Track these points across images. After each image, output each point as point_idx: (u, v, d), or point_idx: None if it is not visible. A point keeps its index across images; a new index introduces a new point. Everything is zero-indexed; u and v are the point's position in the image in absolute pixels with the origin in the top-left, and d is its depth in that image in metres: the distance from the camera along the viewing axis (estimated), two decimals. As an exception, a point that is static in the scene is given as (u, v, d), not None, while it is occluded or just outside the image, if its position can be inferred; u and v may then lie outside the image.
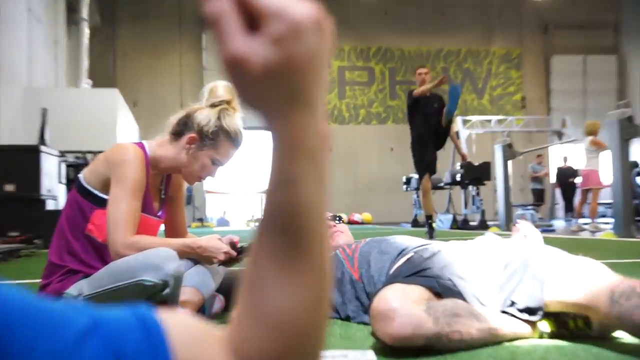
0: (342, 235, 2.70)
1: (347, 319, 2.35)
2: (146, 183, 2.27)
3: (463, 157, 9.97)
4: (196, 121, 2.31)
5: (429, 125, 8.43)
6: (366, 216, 22.56)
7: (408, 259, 2.18)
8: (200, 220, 22.74)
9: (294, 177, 0.58)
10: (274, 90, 0.55)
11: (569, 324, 1.87)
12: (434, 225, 8.35)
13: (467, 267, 2.05)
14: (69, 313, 0.52)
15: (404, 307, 1.69)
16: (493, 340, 1.80)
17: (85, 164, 14.07)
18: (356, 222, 22.23)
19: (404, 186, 16.87)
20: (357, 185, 24.64)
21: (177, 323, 0.58)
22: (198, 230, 17.84)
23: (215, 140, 2.32)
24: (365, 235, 11.06)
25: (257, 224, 0.61)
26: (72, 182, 13.65)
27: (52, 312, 0.51)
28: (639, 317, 1.57)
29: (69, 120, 14.42)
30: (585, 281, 1.74)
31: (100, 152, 13.53)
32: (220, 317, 2.57)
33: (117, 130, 15.25)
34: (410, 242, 2.33)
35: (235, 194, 25.49)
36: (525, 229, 2.41)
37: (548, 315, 1.87)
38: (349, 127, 24.90)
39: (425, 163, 8.38)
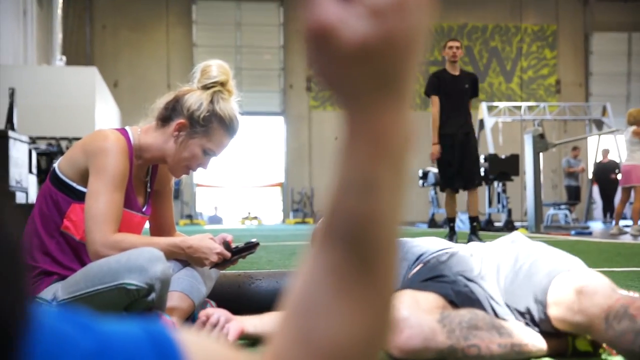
0: None
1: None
2: (129, 175, 2.29)
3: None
4: (186, 105, 2.33)
5: (458, 115, 7.87)
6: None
7: (424, 264, 2.20)
8: (190, 217, 22.79)
9: (373, 180, 0.55)
10: (363, 72, 0.52)
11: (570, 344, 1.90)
12: (455, 228, 8.13)
13: (488, 272, 2.06)
14: (72, 332, 0.50)
15: (414, 316, 1.70)
16: (517, 357, 1.81)
17: (60, 152, 14.11)
18: (365, 222, 22.20)
19: (420, 181, 16.86)
20: (367, 179, 24.57)
21: (198, 346, 0.55)
22: (187, 228, 17.89)
23: (207, 127, 2.33)
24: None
25: (253, 222, 0.60)
26: (44, 173, 13.70)
27: (52, 331, 0.48)
28: (626, 343, 1.60)
29: (40, 103, 14.45)
30: (585, 299, 1.75)
31: (76, 139, 13.54)
32: (212, 326, 2.59)
33: (95, 114, 15.29)
34: (431, 245, 2.35)
35: (229, 187, 25.52)
36: None
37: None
38: (358, 113, 24.83)
39: (443, 179, 7.91)
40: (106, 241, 2.12)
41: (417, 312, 1.72)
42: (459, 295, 1.92)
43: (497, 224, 14.38)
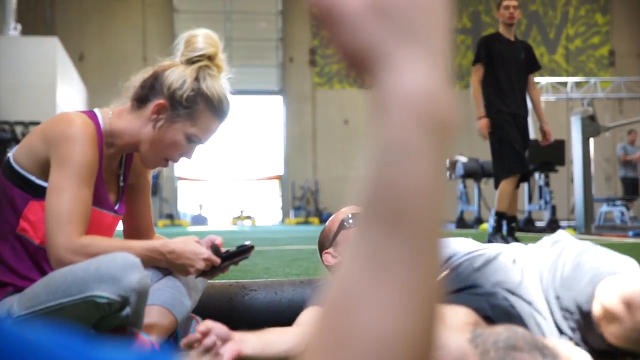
0: None
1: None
2: (99, 166, 2.29)
3: (545, 134, 8.10)
4: (166, 83, 2.32)
5: (515, 91, 7.65)
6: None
7: (454, 269, 2.20)
8: (170, 217, 22.85)
9: (411, 146, 0.57)
10: (384, 26, 0.56)
11: None
12: (511, 225, 7.77)
13: (531, 281, 2.06)
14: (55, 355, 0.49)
15: (442, 336, 1.70)
16: None
17: (14, 139, 14.15)
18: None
19: (447, 173, 16.86)
20: (383, 170, 24.59)
21: None
22: (167, 230, 17.92)
23: (191, 109, 2.33)
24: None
25: (244, 221, 0.60)
26: (-5, 164, 13.75)
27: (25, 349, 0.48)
28: None
29: (-10, 80, 14.47)
30: (637, 312, 1.76)
31: (34, 123, 13.64)
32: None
33: (56, 93, 15.33)
34: (462, 246, 2.35)
35: (217, 181, 25.57)
36: None
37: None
38: (370, 91, 24.83)
39: (511, 160, 7.59)
40: (71, 245, 2.12)
41: (444, 331, 1.71)
42: (496, 309, 1.92)
43: (538, 224, 14.38)
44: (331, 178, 24.29)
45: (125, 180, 2.51)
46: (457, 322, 1.79)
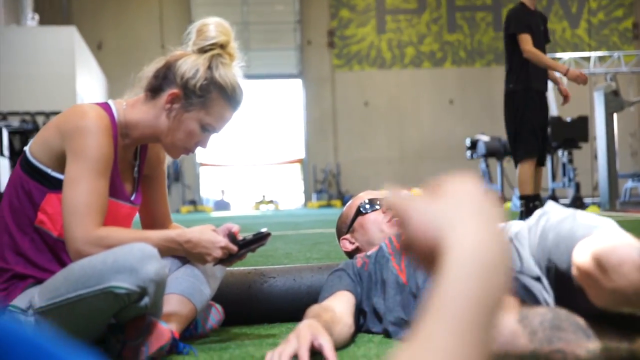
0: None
1: (387, 334, 2.39)
2: (114, 158, 2.31)
3: (565, 95, 7.64)
4: (179, 72, 2.34)
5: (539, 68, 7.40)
6: (417, 193, 22.53)
7: None
8: (193, 203, 22.94)
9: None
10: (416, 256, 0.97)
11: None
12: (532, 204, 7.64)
13: (529, 257, 2.07)
14: None
15: None
16: None
17: (36, 129, 14.25)
18: (404, 203, 22.20)
19: (468, 152, 16.79)
20: (404, 151, 24.59)
21: None
22: (190, 217, 18.01)
23: (205, 98, 2.34)
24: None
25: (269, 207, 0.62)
26: (17, 155, 13.85)
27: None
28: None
29: (9, 71, 14.58)
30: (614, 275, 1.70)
31: (54, 113, 13.68)
32: (218, 333, 2.63)
33: (76, 82, 15.42)
34: None
35: (239, 166, 25.63)
36: None
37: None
38: (391, 72, 24.79)
39: (529, 142, 7.45)
40: (89, 237, 2.15)
41: None
42: (523, 291, 1.92)
43: (563, 201, 14.31)
44: (352, 160, 24.28)
45: (140, 171, 2.53)
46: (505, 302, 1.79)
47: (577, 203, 13.28)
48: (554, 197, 13.94)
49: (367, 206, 2.84)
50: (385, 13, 24.62)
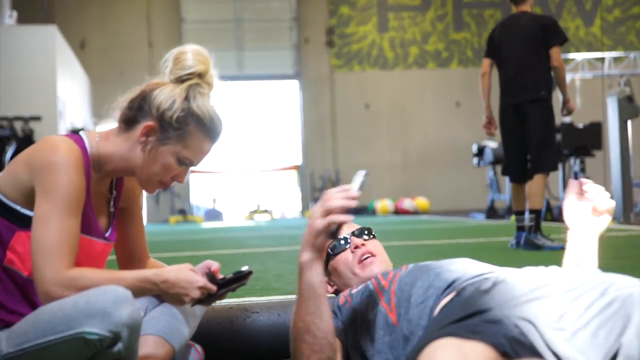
0: (376, 260, 2.75)
1: (373, 378, 2.41)
2: (87, 193, 2.34)
3: (568, 107, 7.99)
4: (155, 103, 2.36)
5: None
6: (421, 202, 22.60)
7: (458, 293, 2.21)
8: (182, 212, 22.97)
9: None
10: None
11: None
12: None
13: (544, 303, 2.06)
14: None
15: None
16: None
17: (14, 136, 14.26)
18: (406, 212, 22.27)
19: (475, 159, 16.83)
20: (408, 157, 24.60)
21: None
22: (179, 227, 18.00)
23: (182, 131, 2.36)
24: (417, 235, 11.01)
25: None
26: (-6, 164, 13.86)
27: None
28: None
29: (-13, 73, 14.57)
30: None
31: (34, 118, 13.63)
32: (198, 374, 2.65)
33: (57, 84, 15.43)
34: (468, 269, 2.36)
35: (232, 173, 25.63)
36: (595, 194, 2.43)
37: None
38: (394, 73, 24.82)
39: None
40: (59, 279, 2.16)
41: None
42: (513, 342, 1.92)
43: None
44: (353, 166, 24.27)
45: (116, 205, 2.55)
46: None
47: (590, 214, 13.29)
48: (566, 208, 13.96)
49: (335, 247, 2.81)
50: (388, 10, 24.65)
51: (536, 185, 7.62)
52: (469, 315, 2.01)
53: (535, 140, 7.66)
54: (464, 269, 2.36)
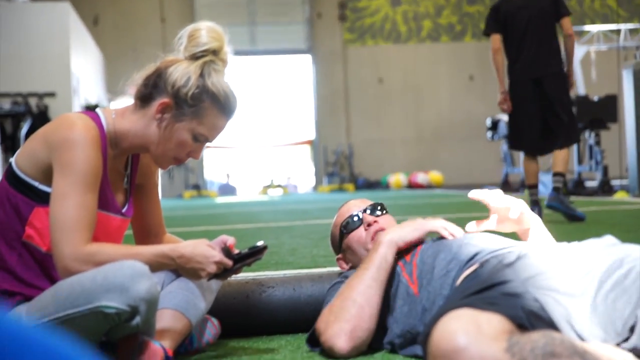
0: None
1: (392, 347, 2.44)
2: (104, 169, 2.37)
3: (570, 81, 8.16)
4: (170, 80, 2.38)
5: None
6: (434, 176, 22.60)
7: (481, 265, 2.24)
8: (197, 187, 23.04)
9: None
10: None
11: None
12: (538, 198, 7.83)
13: (565, 278, 2.08)
14: None
15: (476, 345, 1.73)
16: None
17: (28, 112, 14.31)
18: (420, 186, 22.28)
19: (489, 133, 16.80)
20: (421, 131, 24.56)
21: None
22: (193, 202, 18.07)
23: (197, 107, 2.38)
24: (431, 209, 11.01)
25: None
26: (10, 139, 13.93)
27: None
28: None
29: (0, 50, 14.61)
30: None
31: (48, 94, 13.69)
32: (215, 347, 2.69)
33: (71, 61, 15.46)
34: (489, 243, 2.38)
35: (245, 148, 25.67)
36: (514, 207, 2.51)
37: None
38: (407, 47, 24.72)
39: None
40: (78, 254, 2.20)
41: (478, 340, 1.74)
42: (531, 316, 1.93)
43: (589, 184, 14.31)
44: (366, 141, 24.30)
45: (132, 181, 2.59)
46: (491, 330, 1.80)
47: (605, 187, 13.29)
48: (581, 182, 13.95)
49: (348, 225, 2.84)
50: (401, -17, 24.53)
51: (566, 155, 7.77)
52: (489, 286, 2.03)
53: (563, 114, 7.71)
54: (487, 242, 2.39)
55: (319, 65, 24.70)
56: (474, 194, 2.55)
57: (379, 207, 2.86)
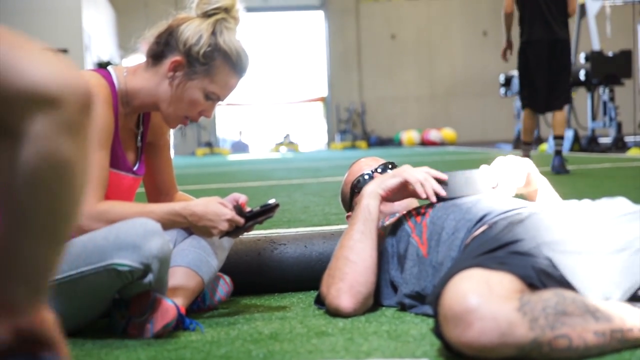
0: None
1: (401, 307, 2.46)
2: (115, 127, 2.37)
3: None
4: (182, 39, 2.38)
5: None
6: (447, 133, 22.55)
7: (490, 226, 2.23)
8: (209, 145, 23.07)
9: None
10: None
11: None
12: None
13: (576, 235, 2.07)
14: None
15: (488, 306, 1.72)
16: (620, 347, 1.82)
17: (40, 69, 14.23)
18: (433, 143, 22.25)
19: (502, 89, 16.73)
20: (434, 88, 24.47)
21: None
22: (206, 160, 18.11)
23: (209, 66, 2.38)
24: (444, 166, 10.90)
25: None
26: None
27: None
28: None
29: (10, 6, 14.58)
30: None
31: (60, 51, 13.64)
32: (227, 305, 2.71)
33: (82, 16, 15.41)
34: (499, 205, 2.38)
35: (258, 105, 25.65)
36: (500, 173, 2.57)
37: None
38: (420, 2, 24.55)
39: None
40: (90, 212, 2.22)
41: (490, 300, 1.73)
42: (542, 274, 1.93)
43: (603, 141, 14.25)
44: (378, 98, 24.23)
45: (144, 140, 2.59)
46: (502, 290, 1.79)
47: (619, 144, 13.25)
48: (594, 138, 13.90)
49: (359, 184, 2.84)
50: (413, -64, 24.30)
51: (564, 117, 8.47)
52: (499, 246, 2.03)
53: (566, 75, 8.34)
54: (497, 203, 2.38)
55: (331, 22, 24.56)
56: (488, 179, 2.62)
57: (390, 166, 2.86)
